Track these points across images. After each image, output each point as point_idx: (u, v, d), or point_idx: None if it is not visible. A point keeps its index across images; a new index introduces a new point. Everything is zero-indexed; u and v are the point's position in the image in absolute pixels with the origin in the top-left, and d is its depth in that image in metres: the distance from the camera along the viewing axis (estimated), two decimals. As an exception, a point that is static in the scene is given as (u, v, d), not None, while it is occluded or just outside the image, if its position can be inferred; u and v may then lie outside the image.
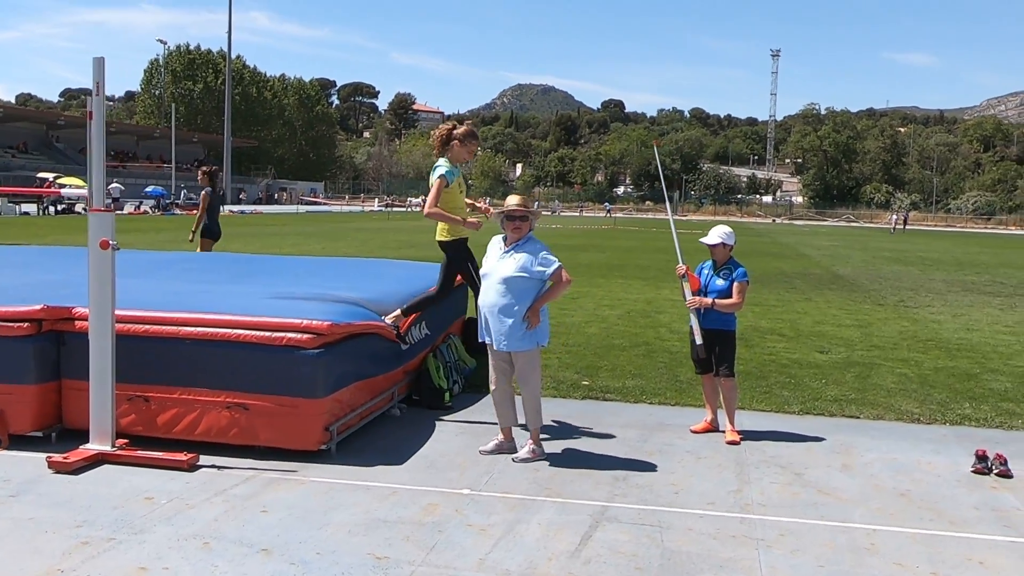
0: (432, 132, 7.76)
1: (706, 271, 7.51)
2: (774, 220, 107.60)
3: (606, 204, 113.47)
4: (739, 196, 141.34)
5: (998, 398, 8.85)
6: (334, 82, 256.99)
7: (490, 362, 6.65)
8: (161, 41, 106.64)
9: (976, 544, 5.15)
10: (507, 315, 6.39)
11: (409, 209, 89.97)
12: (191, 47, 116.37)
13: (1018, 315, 15.48)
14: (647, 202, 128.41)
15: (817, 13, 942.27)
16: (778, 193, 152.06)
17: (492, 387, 6.72)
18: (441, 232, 7.68)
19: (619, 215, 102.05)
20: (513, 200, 6.59)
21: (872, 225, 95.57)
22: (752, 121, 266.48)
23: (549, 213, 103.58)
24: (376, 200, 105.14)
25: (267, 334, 6.23)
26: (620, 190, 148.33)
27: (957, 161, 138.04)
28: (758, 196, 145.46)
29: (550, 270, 6.56)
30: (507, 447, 6.66)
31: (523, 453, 6.51)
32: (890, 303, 16.58)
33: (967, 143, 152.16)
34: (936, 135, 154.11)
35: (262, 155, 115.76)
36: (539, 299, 6.52)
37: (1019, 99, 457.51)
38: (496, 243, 6.67)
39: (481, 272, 6.65)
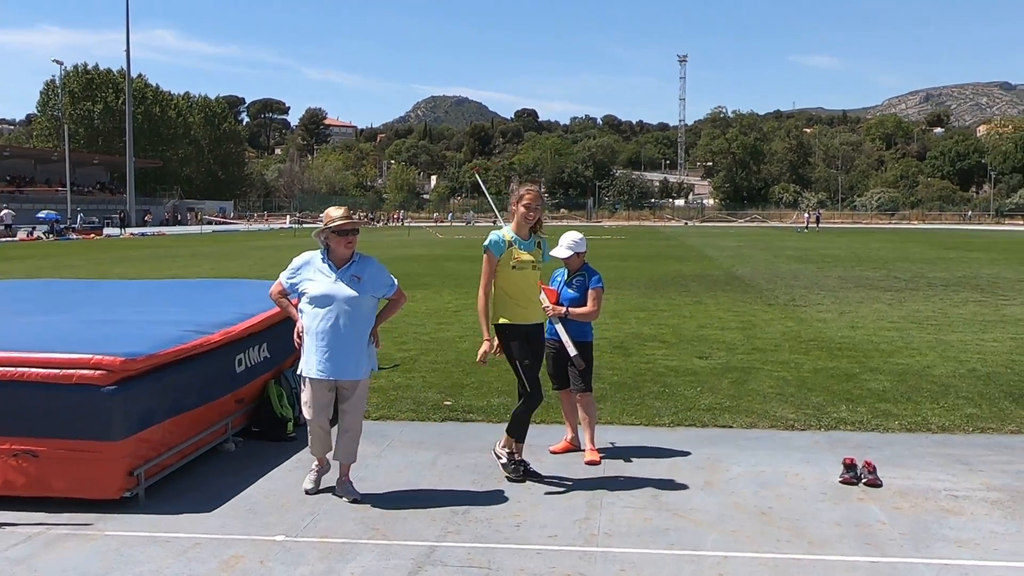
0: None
1: (559, 279, 7.01)
2: (686, 223, 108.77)
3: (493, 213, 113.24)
4: (652, 200, 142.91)
5: (875, 399, 8.54)
6: (243, 99, 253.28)
7: (312, 397, 5.92)
8: (57, 62, 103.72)
9: (833, 568, 4.73)
10: (358, 341, 5.80)
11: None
12: (90, 67, 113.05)
13: (904, 310, 15.40)
14: (561, 209, 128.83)
15: (722, 19, 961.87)
16: (690, 196, 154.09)
17: (313, 420, 6.01)
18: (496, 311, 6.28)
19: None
20: (338, 212, 5.91)
21: (781, 225, 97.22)
22: (664, 126, 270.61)
23: (464, 224, 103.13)
24: (288, 217, 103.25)
25: (55, 371, 5.53)
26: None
27: (861, 159, 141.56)
28: (671, 200, 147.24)
29: (395, 289, 6.01)
30: (327, 468, 6.11)
31: (348, 489, 5.94)
32: (780, 303, 16.40)
33: (870, 141, 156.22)
34: (840, 135, 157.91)
35: (168, 175, 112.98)
36: (380, 319, 5.98)
37: (918, 97, 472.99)
38: (315, 263, 5.90)
39: (309, 296, 5.83)
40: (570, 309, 6.77)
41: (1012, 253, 36.29)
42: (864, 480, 6.22)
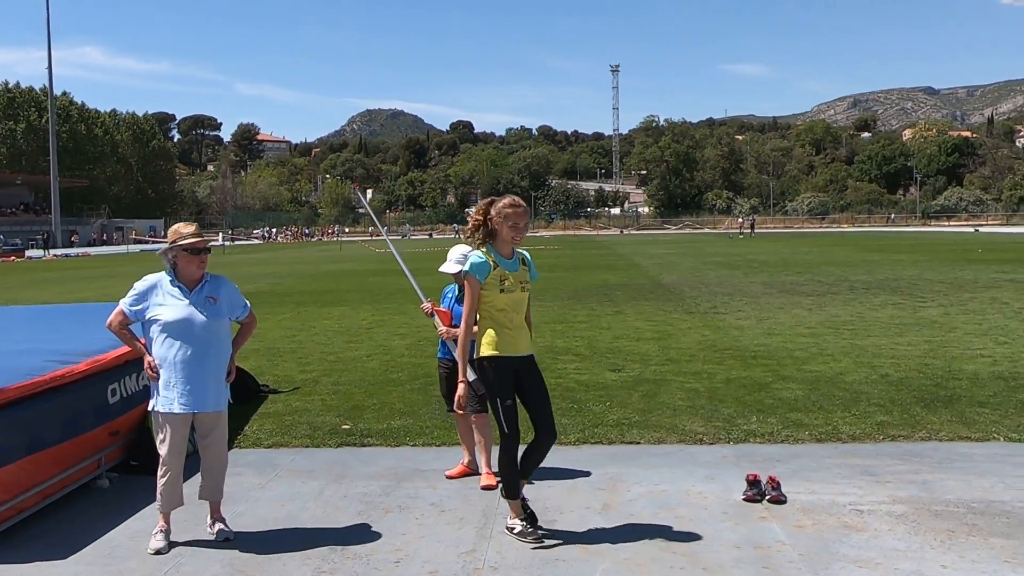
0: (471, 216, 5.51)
1: (450, 296, 6.70)
2: (622, 231, 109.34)
3: (454, 225, 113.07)
4: (588, 210, 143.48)
5: (787, 408, 8.35)
6: (173, 116, 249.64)
7: (170, 437, 5.35)
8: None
9: (724, 596, 4.45)
10: (218, 368, 5.36)
11: (259, 240, 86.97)
12: (11, 85, 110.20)
13: (823, 315, 15.35)
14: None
15: (653, 29, 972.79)
16: (626, 205, 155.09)
17: (173, 463, 5.42)
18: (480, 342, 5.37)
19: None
20: (189, 229, 5.42)
21: (714, 231, 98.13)
22: (599, 136, 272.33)
23: (400, 237, 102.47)
24: (220, 234, 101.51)
25: None
26: (471, 209, 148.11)
27: (791, 165, 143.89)
28: (607, 209, 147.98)
29: (248, 311, 5.62)
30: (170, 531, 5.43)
31: (220, 528, 5.51)
32: (700, 311, 16.26)
33: (800, 147, 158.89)
34: (771, 141, 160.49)
35: (95, 194, 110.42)
36: (236, 346, 5.57)
37: (846, 103, 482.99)
38: (163, 286, 5.35)
39: (162, 322, 5.23)
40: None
41: (935, 254, 36.88)
42: (768, 497, 5.99)
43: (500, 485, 5.61)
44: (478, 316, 5.25)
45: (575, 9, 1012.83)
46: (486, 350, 5.22)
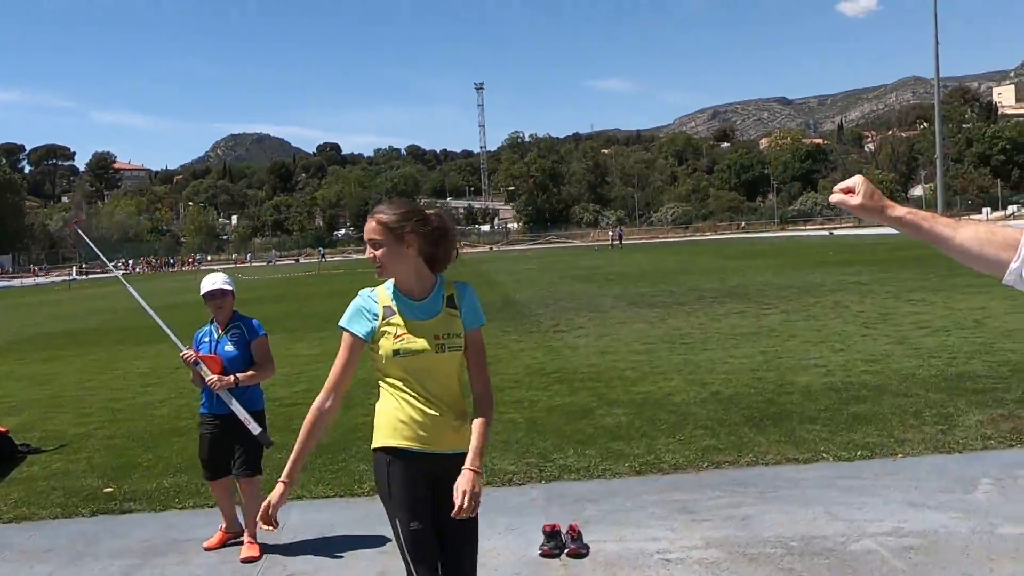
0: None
1: (207, 339, 5.73)
2: (491, 248, 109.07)
3: (320, 249, 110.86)
4: (458, 227, 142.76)
5: (608, 437, 7.66)
6: (23, 147, 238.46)
7: None
8: None
9: None
10: None
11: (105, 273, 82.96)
12: None
13: (664, 328, 14.86)
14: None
15: (518, 47, 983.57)
16: (495, 221, 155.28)
17: None
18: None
19: (337, 259, 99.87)
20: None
21: (583, 244, 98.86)
22: (468, 153, 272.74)
23: (264, 264, 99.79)
24: (74, 268, 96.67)
25: None
26: (341, 232, 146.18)
27: (655, 176, 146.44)
28: (477, 226, 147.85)
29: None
30: None
31: None
32: (540, 330, 15.59)
33: (663, 159, 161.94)
34: (635, 154, 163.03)
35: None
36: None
37: (706, 115, 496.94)
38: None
39: None
40: (239, 375, 5.53)
41: (789, 258, 37.44)
42: (567, 550, 5.24)
43: None
44: (380, 390, 3.35)
45: (440, 28, 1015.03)
46: (379, 437, 3.36)
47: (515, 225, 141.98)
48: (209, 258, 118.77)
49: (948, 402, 8.15)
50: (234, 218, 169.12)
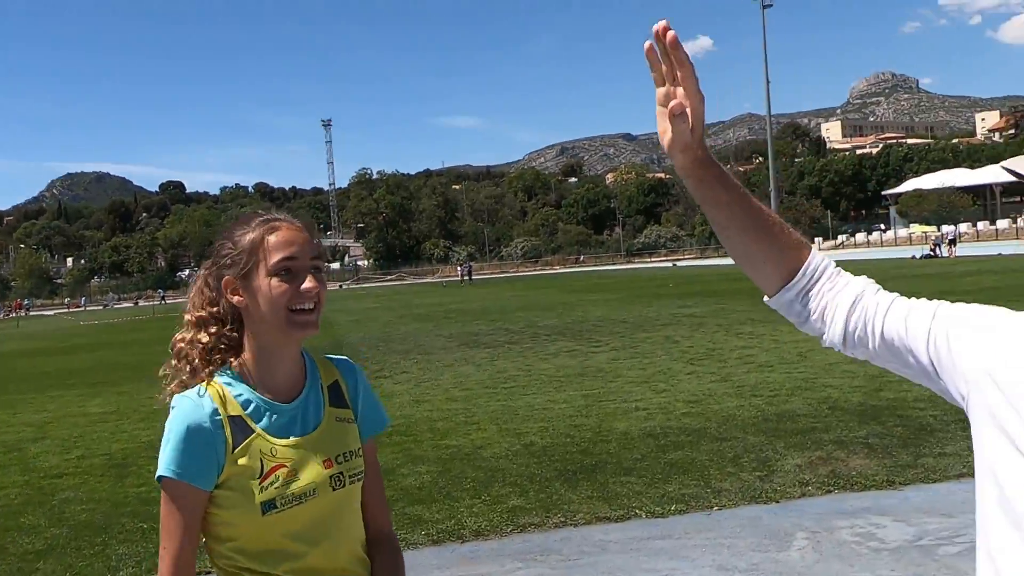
0: None
1: None
2: (340, 286, 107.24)
3: (160, 291, 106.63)
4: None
5: (409, 500, 6.93)
6: None
7: None
8: None
9: None
10: None
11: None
12: None
13: (491, 369, 14.22)
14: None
15: (366, 85, 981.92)
16: (346, 258, 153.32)
17: None
18: None
19: (180, 299, 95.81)
20: None
21: (434, 280, 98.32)
22: (317, 190, 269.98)
23: (101, 308, 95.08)
24: None
25: None
26: (185, 273, 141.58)
27: (505, 211, 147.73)
28: (327, 264, 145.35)
29: None
30: None
31: None
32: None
33: (512, 194, 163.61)
34: (485, 189, 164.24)
35: None
36: None
37: (555, 151, 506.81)
38: None
39: None
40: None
41: (630, 291, 37.70)
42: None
43: None
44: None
45: (286, 65, 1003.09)
46: None
47: (365, 262, 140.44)
48: (40, 302, 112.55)
49: (767, 445, 7.78)
50: (69, 260, 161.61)
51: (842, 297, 1.47)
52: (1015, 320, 1.30)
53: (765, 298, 1.55)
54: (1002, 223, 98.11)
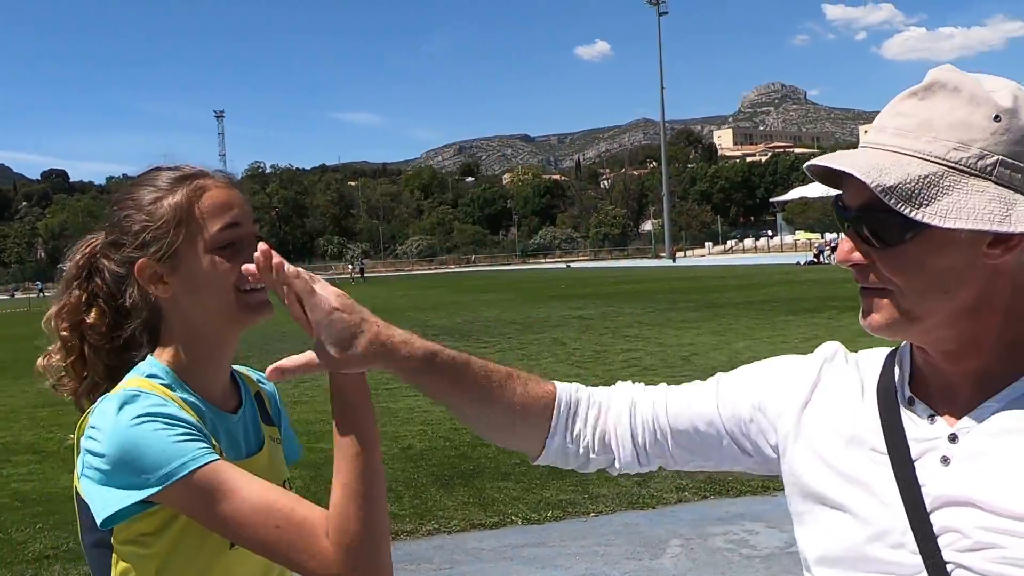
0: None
1: None
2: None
3: (37, 283, 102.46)
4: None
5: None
6: None
7: None
8: None
9: None
10: None
11: None
12: None
13: (372, 372, 14.00)
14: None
15: (261, 76, 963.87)
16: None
17: None
18: None
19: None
20: None
21: (327, 277, 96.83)
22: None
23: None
24: None
25: None
26: (66, 265, 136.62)
27: (401, 209, 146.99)
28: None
29: None
30: None
31: None
32: None
33: (409, 192, 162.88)
34: (381, 186, 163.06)
35: None
36: None
37: (452, 150, 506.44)
38: None
39: None
40: None
41: (523, 292, 37.79)
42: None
43: None
44: None
45: (176, 51, 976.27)
46: None
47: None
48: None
49: (646, 450, 7.76)
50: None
51: (614, 415, 1.37)
52: (798, 363, 1.31)
53: (535, 460, 1.38)
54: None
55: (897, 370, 1.21)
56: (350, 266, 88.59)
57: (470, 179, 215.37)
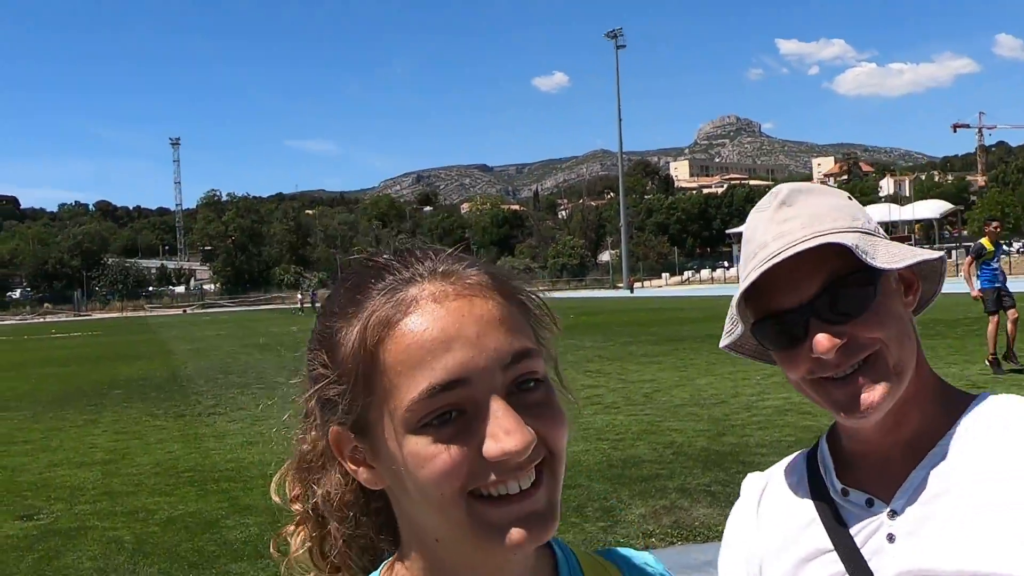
0: None
1: None
2: (184, 311, 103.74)
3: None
4: (150, 288, 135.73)
5: (231, 557, 6.38)
6: None
7: None
8: None
9: None
10: None
11: None
12: None
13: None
14: (46, 304, 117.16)
15: (217, 104, 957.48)
16: (192, 282, 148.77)
17: None
18: None
19: (8, 322, 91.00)
20: None
21: (286, 306, 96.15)
22: (164, 211, 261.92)
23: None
24: None
25: None
26: (16, 293, 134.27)
27: (358, 238, 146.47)
28: (171, 287, 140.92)
29: None
30: None
31: None
32: (193, 412, 13.78)
33: (366, 221, 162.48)
34: (339, 215, 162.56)
35: None
36: None
37: (410, 179, 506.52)
38: None
39: None
40: None
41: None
42: None
43: None
44: None
45: (131, 77, 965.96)
46: None
47: (212, 286, 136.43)
48: None
49: (612, 493, 7.61)
50: None
51: None
52: (739, 527, 1.34)
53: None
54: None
55: (822, 467, 1.25)
56: (299, 296, 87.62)
57: (428, 208, 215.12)
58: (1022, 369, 13.18)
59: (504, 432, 0.80)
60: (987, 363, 13.17)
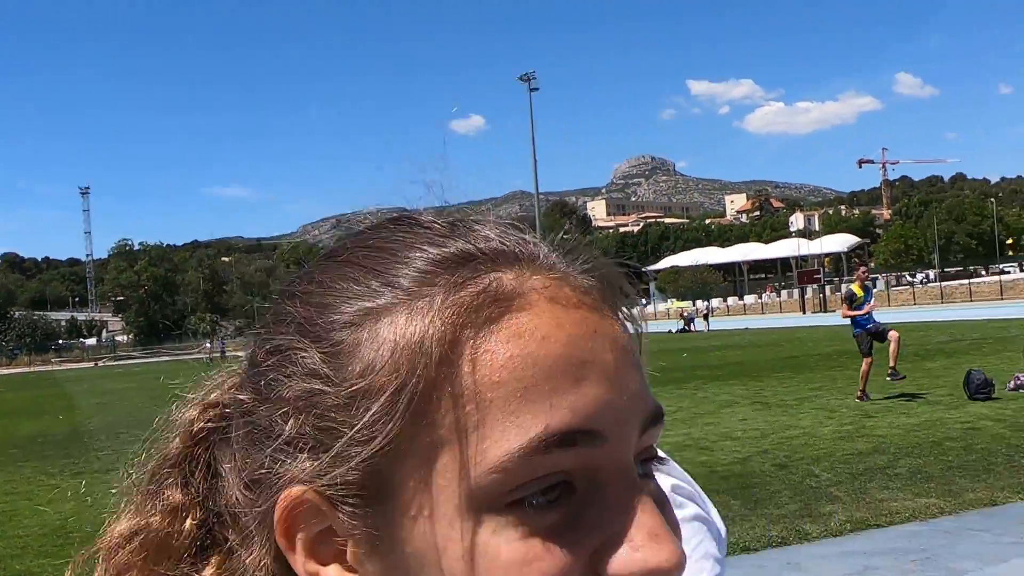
0: None
1: None
2: (96, 364, 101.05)
3: None
4: (60, 342, 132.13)
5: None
6: None
7: None
8: None
9: None
10: None
11: None
12: None
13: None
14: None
15: (128, 152, 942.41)
16: (104, 334, 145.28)
17: None
18: None
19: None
20: None
21: (202, 356, 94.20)
22: (74, 261, 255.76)
23: None
24: None
25: None
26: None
27: (276, 284, 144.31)
28: (81, 340, 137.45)
29: None
30: None
31: None
32: (92, 468, 13.33)
33: (285, 267, 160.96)
34: (256, 262, 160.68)
35: None
36: None
37: (329, 224, 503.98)
38: None
39: None
40: None
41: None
42: None
43: None
44: None
45: (37, 124, 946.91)
46: None
47: (124, 337, 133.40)
48: None
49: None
50: None
51: None
52: None
53: None
54: (749, 299, 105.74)
55: None
56: (208, 344, 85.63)
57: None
58: (904, 378, 14.85)
59: (651, 537, 0.47)
60: (856, 399, 14.67)
